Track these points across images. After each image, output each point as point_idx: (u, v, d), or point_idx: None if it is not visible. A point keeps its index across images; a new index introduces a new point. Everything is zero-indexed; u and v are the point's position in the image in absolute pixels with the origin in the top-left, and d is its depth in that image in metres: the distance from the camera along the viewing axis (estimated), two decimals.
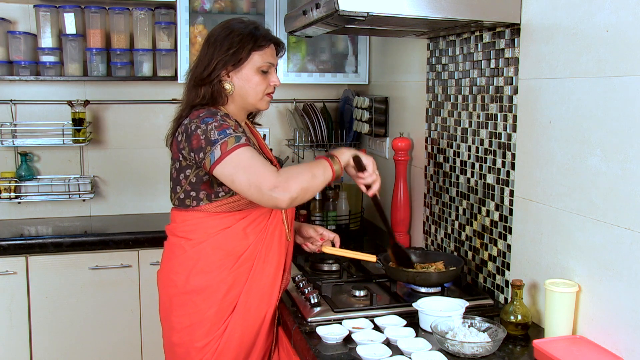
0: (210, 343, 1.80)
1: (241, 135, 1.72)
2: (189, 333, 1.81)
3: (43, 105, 3.11)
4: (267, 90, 1.89)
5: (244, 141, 1.71)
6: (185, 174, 1.81)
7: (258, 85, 1.86)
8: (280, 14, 2.92)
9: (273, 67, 1.90)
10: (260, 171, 1.66)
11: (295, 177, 1.67)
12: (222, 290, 1.80)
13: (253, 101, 1.89)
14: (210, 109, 1.80)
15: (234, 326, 1.81)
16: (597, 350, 1.49)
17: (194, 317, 1.80)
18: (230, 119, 1.79)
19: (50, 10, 2.95)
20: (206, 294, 1.80)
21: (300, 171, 1.70)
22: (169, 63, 3.07)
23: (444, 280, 1.92)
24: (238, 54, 1.82)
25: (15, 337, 2.71)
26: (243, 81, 1.85)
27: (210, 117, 1.74)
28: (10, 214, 3.11)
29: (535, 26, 1.74)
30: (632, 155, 1.40)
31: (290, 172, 1.69)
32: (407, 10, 1.73)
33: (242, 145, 1.69)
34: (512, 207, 1.87)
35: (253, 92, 1.87)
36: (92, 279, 2.77)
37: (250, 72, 1.85)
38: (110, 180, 3.23)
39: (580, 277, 1.59)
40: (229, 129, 1.72)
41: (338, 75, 3.11)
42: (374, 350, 1.51)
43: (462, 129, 2.15)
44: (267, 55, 1.86)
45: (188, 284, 1.81)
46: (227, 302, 1.81)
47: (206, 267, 1.80)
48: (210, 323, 1.80)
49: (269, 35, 1.88)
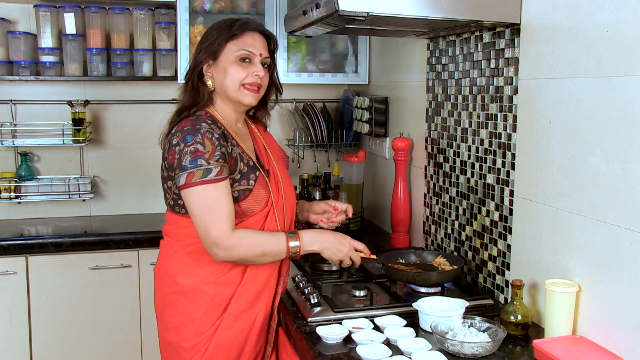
0: (199, 344, 1.78)
1: (213, 167, 1.67)
2: (179, 333, 1.81)
3: (43, 105, 3.11)
4: (247, 80, 1.79)
5: (214, 176, 1.67)
6: (167, 184, 1.80)
7: (234, 75, 1.78)
8: (280, 14, 2.92)
9: (256, 57, 1.80)
10: (213, 220, 1.67)
11: (244, 248, 1.70)
12: (210, 293, 1.79)
13: (232, 93, 1.80)
14: (197, 122, 1.72)
15: (223, 329, 1.79)
16: (597, 350, 1.49)
17: (183, 318, 1.80)
18: (212, 136, 1.70)
19: (50, 10, 2.95)
20: (194, 296, 1.79)
21: (253, 244, 1.71)
22: (169, 63, 3.07)
23: (444, 280, 1.92)
24: (212, 45, 1.78)
25: (15, 337, 2.71)
26: (220, 74, 1.80)
27: (191, 135, 1.69)
28: (10, 214, 3.11)
29: (535, 26, 1.74)
30: (632, 155, 1.40)
31: (244, 239, 1.70)
32: (407, 10, 1.73)
33: (208, 181, 1.66)
34: (512, 207, 1.87)
35: (230, 83, 1.79)
36: (92, 279, 2.77)
37: (227, 63, 1.78)
38: (110, 180, 3.23)
39: (580, 277, 1.59)
40: (201, 157, 1.67)
41: (338, 75, 3.11)
42: (374, 350, 1.51)
43: (462, 129, 2.15)
44: (244, 43, 1.79)
45: (177, 284, 1.81)
46: (216, 305, 1.79)
47: (196, 270, 1.80)
48: (199, 324, 1.79)
49: (247, 24, 1.81)
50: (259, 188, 1.79)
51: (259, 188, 1.79)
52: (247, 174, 1.78)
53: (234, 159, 1.76)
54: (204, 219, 1.68)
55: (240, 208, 1.76)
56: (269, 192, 1.82)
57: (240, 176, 1.76)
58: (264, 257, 1.74)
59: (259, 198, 1.79)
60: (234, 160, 1.76)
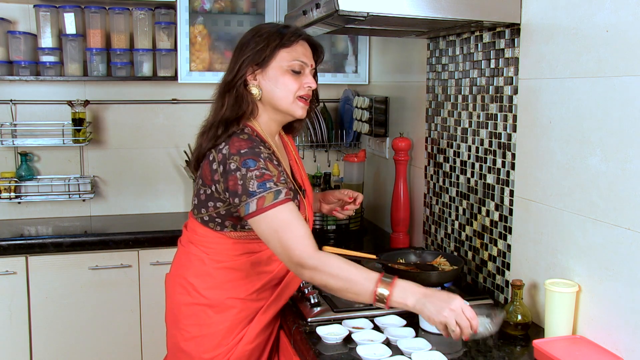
0: (219, 356, 1.74)
1: (282, 188, 1.56)
2: (198, 344, 1.74)
3: (43, 105, 3.11)
4: (300, 93, 1.70)
5: (284, 196, 1.56)
6: (215, 205, 1.69)
7: (287, 86, 1.68)
8: (280, 14, 2.92)
9: (307, 68, 1.72)
10: (294, 239, 1.52)
11: (328, 275, 1.50)
12: (238, 307, 1.73)
13: (284, 106, 1.70)
14: (253, 144, 1.61)
15: (246, 342, 1.75)
16: (597, 350, 1.49)
17: (205, 329, 1.73)
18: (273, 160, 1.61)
19: (50, 10, 2.95)
20: (221, 309, 1.73)
21: (336, 272, 1.50)
22: (169, 63, 3.07)
23: (444, 280, 1.92)
24: (262, 51, 1.66)
25: (15, 337, 2.70)
26: (271, 83, 1.68)
27: (252, 160, 1.57)
28: (10, 214, 3.11)
29: (535, 26, 1.74)
30: (632, 155, 1.40)
31: (330, 264, 1.51)
32: (407, 10, 1.73)
33: (281, 202, 1.54)
34: (512, 207, 1.87)
35: (282, 95, 1.68)
36: (92, 279, 2.76)
37: (277, 72, 1.68)
38: (110, 180, 3.23)
39: (580, 277, 1.59)
40: (270, 180, 1.55)
41: (338, 75, 3.11)
42: (374, 350, 1.51)
43: (462, 129, 2.15)
44: (297, 52, 1.69)
45: (202, 296, 1.74)
46: (242, 318, 1.75)
47: (226, 285, 1.73)
48: (222, 336, 1.73)
49: (299, 32, 1.72)
50: (302, 211, 1.74)
51: (302, 211, 1.74)
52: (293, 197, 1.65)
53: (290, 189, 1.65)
54: (282, 241, 1.53)
55: None
56: (305, 213, 1.78)
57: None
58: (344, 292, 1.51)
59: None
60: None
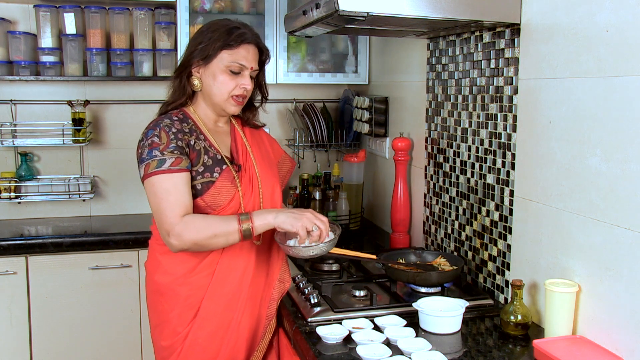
0: (174, 344, 1.80)
1: (167, 158, 1.70)
2: (159, 331, 1.85)
3: (43, 105, 3.11)
4: (235, 92, 1.82)
5: (168, 166, 1.70)
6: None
7: (223, 85, 1.81)
8: (280, 14, 2.92)
9: (246, 70, 1.82)
10: (164, 208, 1.69)
11: (194, 231, 1.67)
12: (184, 294, 1.80)
13: (218, 102, 1.83)
14: (162, 118, 1.81)
15: (197, 330, 1.79)
16: (597, 350, 1.49)
17: (162, 317, 1.84)
18: (170, 130, 1.76)
19: (50, 10, 2.95)
20: (168, 296, 1.81)
21: (203, 226, 1.67)
22: (169, 63, 3.07)
23: (444, 280, 1.92)
24: (206, 49, 1.79)
25: (15, 337, 2.71)
26: (210, 79, 1.81)
27: (151, 130, 1.76)
28: (10, 214, 3.11)
29: (535, 26, 1.74)
30: (632, 155, 1.40)
31: (193, 223, 1.67)
32: (407, 10, 1.73)
33: (162, 172, 1.69)
34: (512, 207, 1.87)
35: (217, 92, 1.82)
36: (92, 279, 2.77)
37: (217, 70, 1.80)
38: (110, 180, 3.23)
39: (580, 277, 1.59)
40: (156, 149, 1.72)
41: (338, 75, 3.11)
42: (374, 350, 1.51)
43: (462, 129, 2.15)
44: (238, 55, 1.80)
45: (153, 283, 1.85)
46: (190, 306, 1.80)
47: (169, 269, 1.81)
48: (175, 324, 1.81)
49: (244, 36, 1.81)
50: (222, 181, 1.78)
51: (222, 181, 1.78)
52: (212, 167, 1.78)
53: (196, 152, 1.77)
54: (157, 208, 1.71)
55: (205, 202, 1.76)
56: (236, 188, 1.80)
57: (203, 169, 1.77)
58: (216, 238, 1.68)
59: (223, 191, 1.78)
60: (197, 153, 1.77)
